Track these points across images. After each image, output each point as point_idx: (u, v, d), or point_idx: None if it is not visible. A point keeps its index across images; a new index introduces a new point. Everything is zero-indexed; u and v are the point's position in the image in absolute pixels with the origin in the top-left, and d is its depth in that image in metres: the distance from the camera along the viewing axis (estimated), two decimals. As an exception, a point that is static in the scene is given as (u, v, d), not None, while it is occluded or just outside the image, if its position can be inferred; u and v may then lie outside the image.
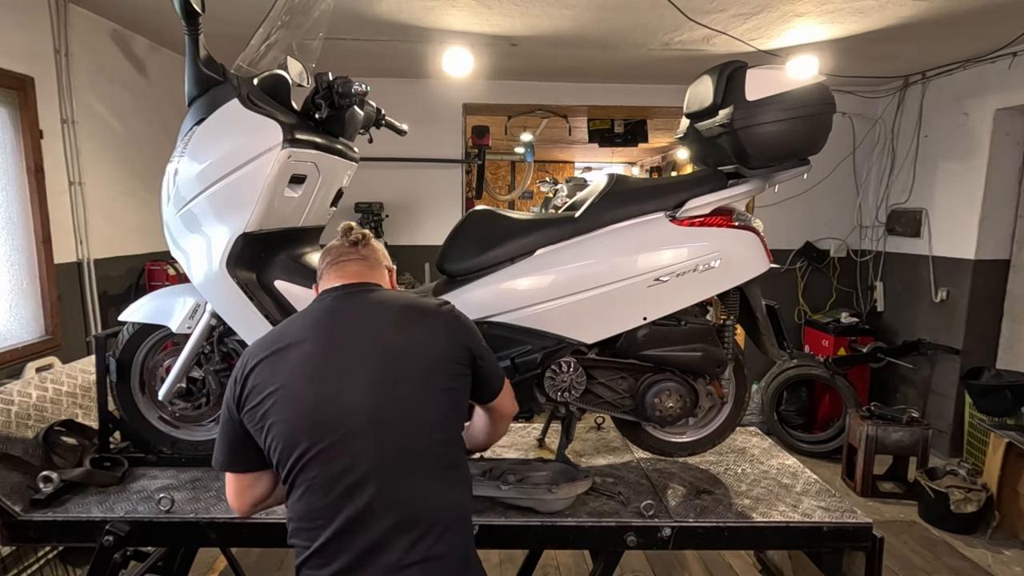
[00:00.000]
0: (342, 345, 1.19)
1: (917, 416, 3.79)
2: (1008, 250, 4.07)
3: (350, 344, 1.20)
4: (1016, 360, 3.97)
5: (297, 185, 1.70)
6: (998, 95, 3.89)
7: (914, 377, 4.58)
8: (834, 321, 4.80)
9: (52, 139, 3.04)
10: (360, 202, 4.73)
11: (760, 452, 2.14)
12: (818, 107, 1.64)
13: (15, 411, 1.77)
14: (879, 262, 4.97)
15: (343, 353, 1.18)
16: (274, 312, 1.66)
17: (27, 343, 2.90)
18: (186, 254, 1.67)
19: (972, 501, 3.32)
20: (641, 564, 3.03)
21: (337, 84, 1.64)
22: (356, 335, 1.21)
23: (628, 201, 1.73)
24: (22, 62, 2.86)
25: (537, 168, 10.42)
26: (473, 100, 4.95)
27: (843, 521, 1.65)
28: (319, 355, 1.18)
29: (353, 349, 1.19)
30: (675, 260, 1.70)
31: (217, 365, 1.77)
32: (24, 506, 1.60)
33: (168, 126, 3.97)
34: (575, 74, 4.71)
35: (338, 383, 1.15)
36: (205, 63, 1.60)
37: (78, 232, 3.24)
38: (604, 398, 1.82)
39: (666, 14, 3.18)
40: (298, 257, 1.79)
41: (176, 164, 1.63)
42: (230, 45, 2.14)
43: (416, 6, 3.15)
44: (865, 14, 3.16)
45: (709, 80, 1.72)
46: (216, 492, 1.73)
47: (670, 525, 1.61)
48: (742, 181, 1.74)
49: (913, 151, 4.61)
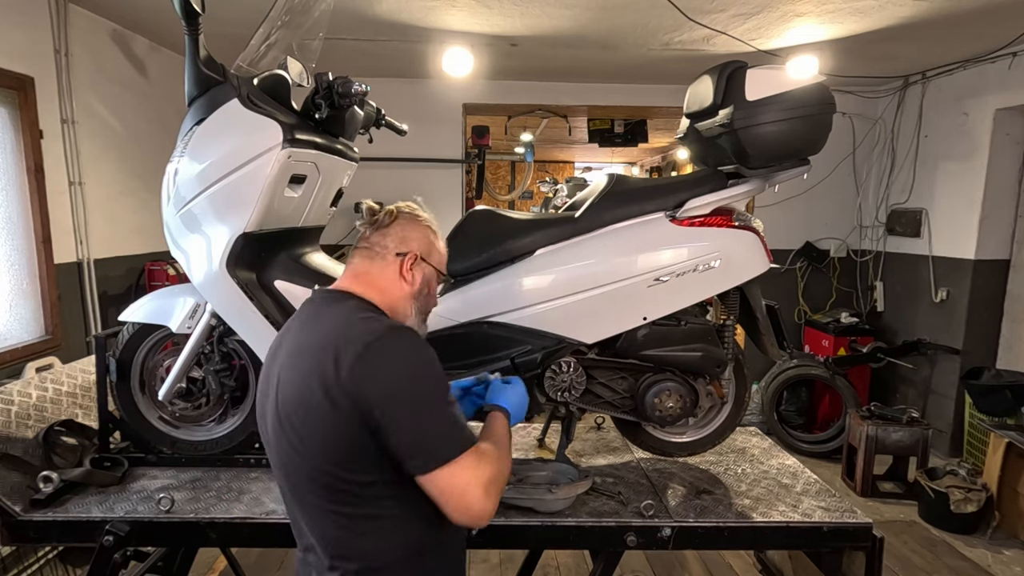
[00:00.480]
0: (276, 357, 1.14)
1: (917, 416, 3.79)
2: (1008, 250, 4.07)
3: (280, 359, 1.13)
4: (1016, 360, 3.97)
5: (297, 185, 1.70)
6: (998, 95, 3.89)
7: (914, 377, 4.58)
8: (834, 321, 4.80)
9: (52, 139, 3.04)
10: (360, 202, 4.73)
11: (760, 452, 2.13)
12: (818, 107, 1.64)
13: (15, 411, 1.77)
14: (879, 262, 4.97)
15: (273, 366, 1.14)
16: (274, 312, 1.66)
17: (27, 343, 2.90)
18: (186, 254, 1.67)
19: (972, 501, 3.32)
20: (641, 564, 3.03)
21: (337, 84, 1.64)
22: (285, 351, 1.13)
23: (628, 201, 1.73)
24: (22, 62, 2.86)
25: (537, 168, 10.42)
26: (473, 100, 4.95)
27: (843, 521, 1.65)
28: (268, 358, 1.18)
29: (278, 365, 1.12)
30: (675, 260, 1.70)
31: (217, 365, 1.77)
32: (24, 506, 1.60)
33: (168, 126, 3.97)
34: (575, 74, 4.71)
35: (263, 397, 1.16)
36: (205, 63, 1.60)
37: (78, 232, 3.24)
38: (604, 398, 1.82)
39: (666, 14, 3.18)
40: (298, 257, 1.79)
41: (176, 164, 1.63)
42: (230, 45, 2.14)
43: (416, 6, 3.15)
44: (865, 14, 3.16)
45: (709, 80, 1.72)
46: (216, 492, 1.73)
47: (670, 525, 1.61)
48: (742, 181, 1.74)
49: (913, 151, 4.61)
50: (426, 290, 1.26)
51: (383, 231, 1.23)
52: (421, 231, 1.25)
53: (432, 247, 1.27)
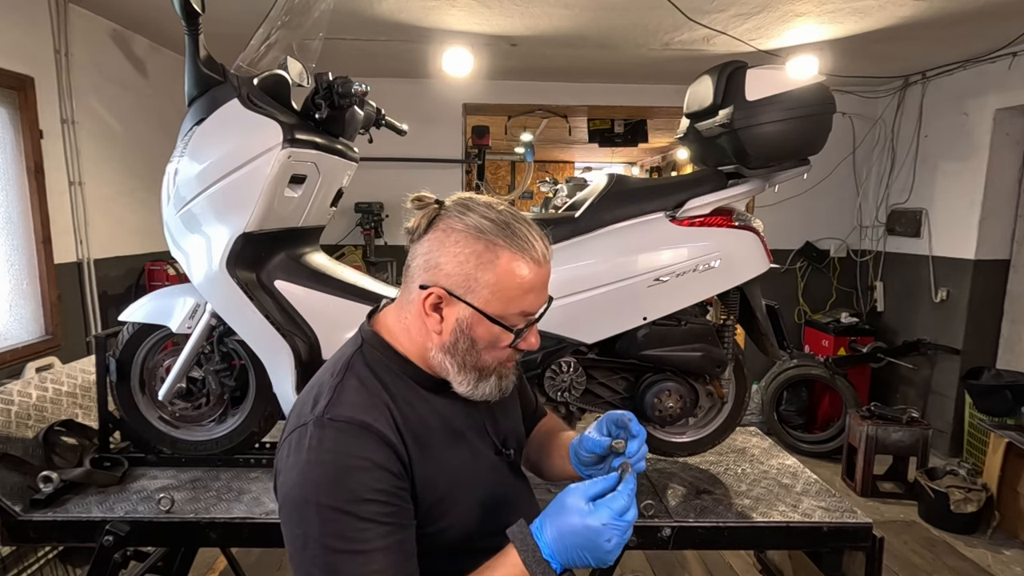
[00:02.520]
0: None
1: (917, 416, 3.79)
2: (1008, 250, 4.07)
3: None
4: (1016, 360, 3.97)
5: (297, 185, 1.70)
6: (998, 95, 3.89)
7: (914, 377, 4.58)
8: (834, 321, 4.80)
9: (52, 139, 3.04)
10: (360, 202, 4.73)
11: (760, 452, 2.13)
12: (818, 107, 1.64)
13: (15, 411, 1.77)
14: (879, 262, 4.97)
15: None
16: (274, 312, 1.66)
17: (27, 343, 2.90)
18: (186, 254, 1.67)
19: (972, 501, 3.32)
20: (641, 564, 3.02)
21: (337, 84, 1.64)
22: None
23: (628, 201, 1.73)
24: (22, 62, 2.86)
25: (537, 168, 10.43)
26: (473, 100, 4.95)
27: (843, 521, 1.65)
28: None
29: None
30: (675, 260, 1.70)
31: (217, 365, 1.77)
32: (24, 506, 1.60)
33: (168, 126, 3.97)
34: (575, 74, 4.71)
35: None
36: (205, 63, 1.60)
37: (78, 232, 3.24)
38: (604, 398, 1.82)
39: (666, 14, 3.18)
40: (298, 257, 1.79)
41: (176, 164, 1.63)
42: (230, 45, 2.14)
43: (416, 6, 3.15)
44: (865, 14, 3.15)
45: (709, 80, 1.72)
46: (216, 492, 1.73)
47: (670, 525, 1.61)
48: (742, 181, 1.74)
49: (913, 151, 4.60)
50: (466, 342, 0.87)
51: (420, 242, 0.90)
52: (459, 246, 0.84)
53: (476, 274, 0.84)
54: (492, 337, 0.87)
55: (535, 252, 0.86)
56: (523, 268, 0.84)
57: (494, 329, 0.86)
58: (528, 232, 0.86)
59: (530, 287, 0.85)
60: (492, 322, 0.85)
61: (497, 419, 1.04)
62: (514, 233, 0.85)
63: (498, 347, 0.88)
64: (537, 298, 0.87)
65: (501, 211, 0.87)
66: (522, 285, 0.85)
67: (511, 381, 0.96)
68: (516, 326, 0.87)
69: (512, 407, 1.11)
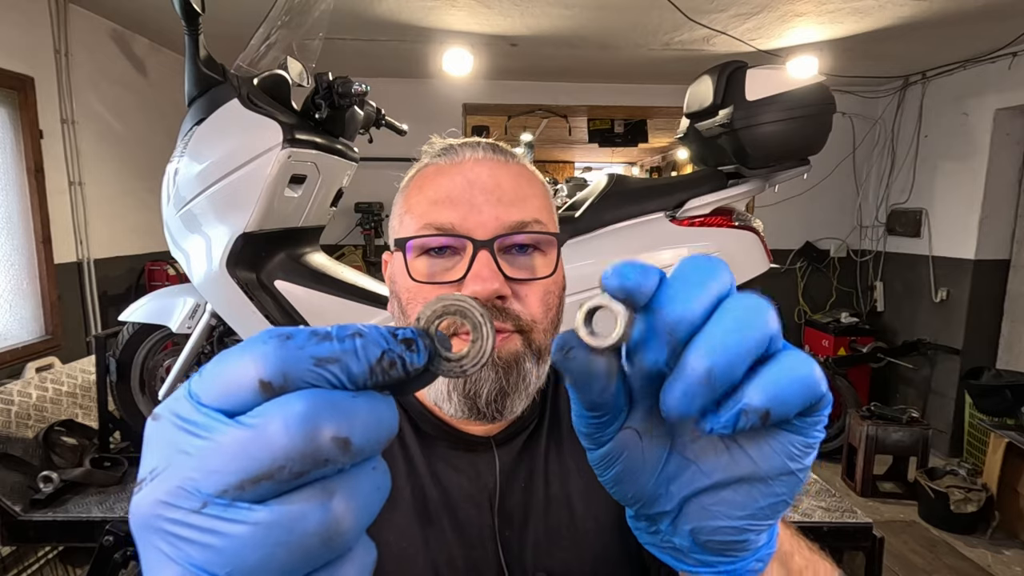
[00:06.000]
0: None
1: (917, 416, 3.79)
2: (1008, 250, 4.07)
3: None
4: (1016, 360, 3.97)
5: (297, 185, 1.70)
6: (998, 95, 3.89)
7: (914, 377, 4.58)
8: (834, 321, 4.80)
9: (52, 139, 3.04)
10: (360, 202, 4.73)
11: (760, 452, 2.13)
12: (818, 107, 1.64)
13: (15, 411, 1.77)
14: (879, 262, 4.97)
15: None
16: (274, 312, 1.66)
17: (27, 343, 2.90)
18: (186, 254, 1.67)
19: (972, 501, 3.32)
20: (641, 564, 3.02)
21: (337, 84, 1.64)
22: None
23: (628, 201, 1.73)
24: (22, 62, 2.86)
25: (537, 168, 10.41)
26: (473, 100, 4.95)
27: (843, 521, 1.65)
28: None
29: None
30: (675, 260, 1.69)
31: (217, 365, 1.77)
32: (24, 506, 1.60)
33: (168, 126, 3.97)
34: (575, 74, 4.71)
35: None
36: (205, 63, 1.60)
37: (78, 232, 3.24)
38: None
39: (666, 14, 3.18)
40: (298, 257, 1.79)
41: (176, 164, 1.63)
42: (230, 45, 2.14)
43: (416, 6, 3.15)
44: (865, 14, 3.16)
45: (709, 80, 1.72)
46: (216, 492, 1.73)
47: (670, 525, 1.61)
48: (742, 181, 1.74)
49: (913, 151, 4.61)
50: (395, 301, 0.65)
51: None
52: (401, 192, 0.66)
53: (396, 209, 0.66)
54: (403, 276, 0.61)
55: (454, 154, 0.64)
56: (429, 170, 0.63)
57: (400, 261, 0.61)
58: (462, 144, 0.66)
59: (436, 191, 0.60)
60: (399, 250, 0.61)
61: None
62: (444, 150, 0.65)
63: (417, 294, 0.60)
64: (452, 210, 0.59)
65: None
66: (423, 188, 0.62)
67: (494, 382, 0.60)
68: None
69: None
